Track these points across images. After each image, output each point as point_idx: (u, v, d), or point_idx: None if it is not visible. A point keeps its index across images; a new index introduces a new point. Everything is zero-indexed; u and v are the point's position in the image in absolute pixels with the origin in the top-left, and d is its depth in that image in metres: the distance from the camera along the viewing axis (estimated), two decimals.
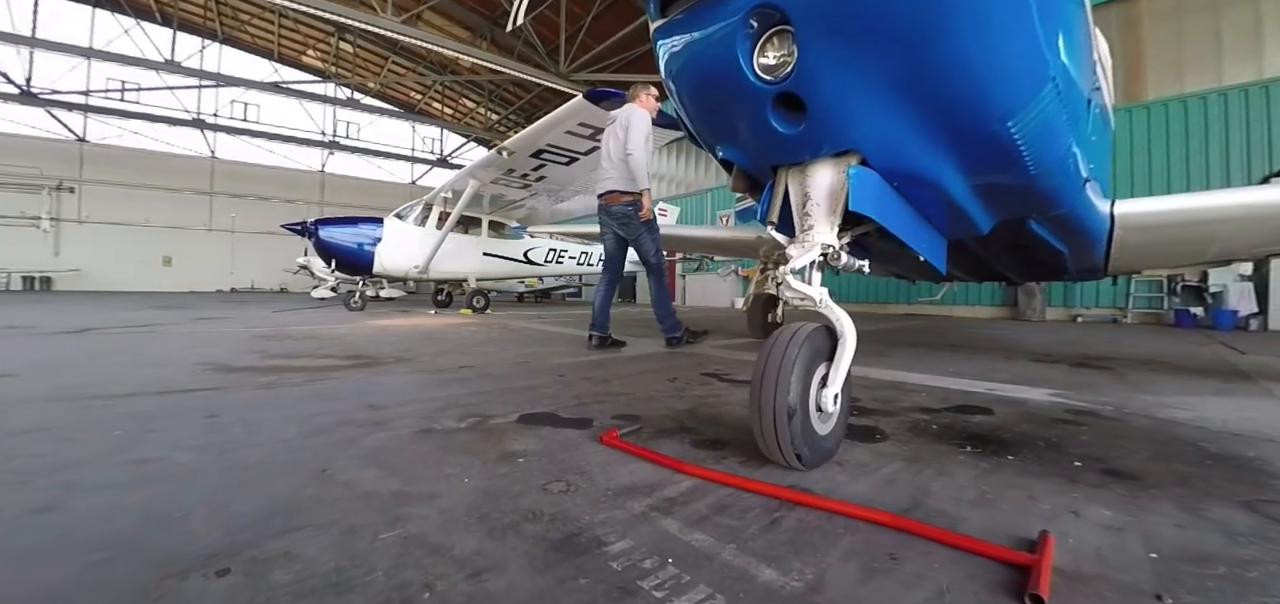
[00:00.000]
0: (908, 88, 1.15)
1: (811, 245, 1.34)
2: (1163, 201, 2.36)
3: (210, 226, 26.00)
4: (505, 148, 6.57)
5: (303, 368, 2.70)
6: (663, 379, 2.55)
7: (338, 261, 8.24)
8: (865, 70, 1.12)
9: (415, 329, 5.31)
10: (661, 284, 3.86)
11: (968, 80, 1.14)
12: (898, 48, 1.09)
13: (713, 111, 1.42)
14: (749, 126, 1.34)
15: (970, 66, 1.12)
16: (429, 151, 30.79)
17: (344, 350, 3.42)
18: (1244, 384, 2.77)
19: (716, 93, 1.34)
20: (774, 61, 1.17)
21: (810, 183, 1.35)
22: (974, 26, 1.06)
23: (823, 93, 1.17)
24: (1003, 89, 1.18)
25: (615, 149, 3.75)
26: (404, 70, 25.59)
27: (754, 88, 1.21)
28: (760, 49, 1.18)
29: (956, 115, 1.21)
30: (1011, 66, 1.15)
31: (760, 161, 1.44)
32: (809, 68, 1.13)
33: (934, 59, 1.10)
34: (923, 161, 1.33)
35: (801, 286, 1.33)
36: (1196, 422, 1.95)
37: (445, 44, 16.46)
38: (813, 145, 1.28)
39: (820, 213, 1.35)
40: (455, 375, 2.56)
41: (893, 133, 1.24)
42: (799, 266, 1.33)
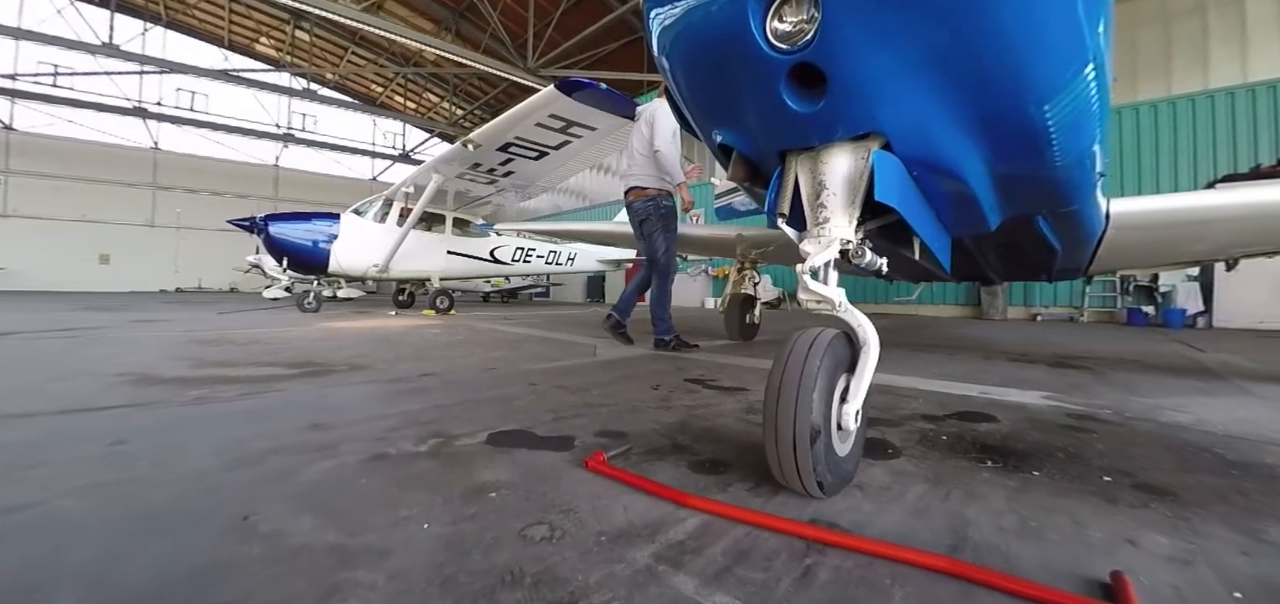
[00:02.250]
0: (945, 60, 0.99)
1: (829, 241, 1.17)
2: (1157, 201, 2.32)
3: (153, 223, 24.50)
4: (471, 140, 6.26)
5: (240, 378, 2.40)
6: (645, 387, 2.37)
7: (290, 260, 7.74)
8: (900, 38, 0.96)
9: (373, 332, 4.97)
10: (664, 286, 3.75)
11: (1012, 54, 0.99)
12: (940, 12, 0.93)
13: (714, 89, 1.24)
14: (757, 105, 1.16)
15: (1017, 38, 0.97)
16: (391, 147, 29.80)
17: (291, 357, 3.11)
18: (1219, 383, 2.78)
19: (719, 66, 1.16)
20: (791, 27, 1.00)
21: (825, 170, 1.19)
22: None
23: (848, 64, 1.00)
24: (1046, 67, 1.04)
25: (640, 145, 3.72)
26: (364, 61, 24.68)
27: (766, 58, 1.04)
28: (774, 12, 1.01)
29: (994, 94, 1.06)
30: (1059, 42, 1.01)
31: (767, 146, 1.26)
32: (834, 34, 0.96)
33: (980, 26, 0.94)
34: (949, 147, 1.18)
35: (819, 288, 1.16)
36: (1198, 425, 1.90)
37: (408, 35, 15.87)
38: (832, 126, 1.11)
39: (837, 204, 1.18)
40: (415, 385, 2.31)
41: (922, 113, 1.09)
42: (816, 265, 1.16)
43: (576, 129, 5.69)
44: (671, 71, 1.32)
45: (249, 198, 26.24)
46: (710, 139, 1.46)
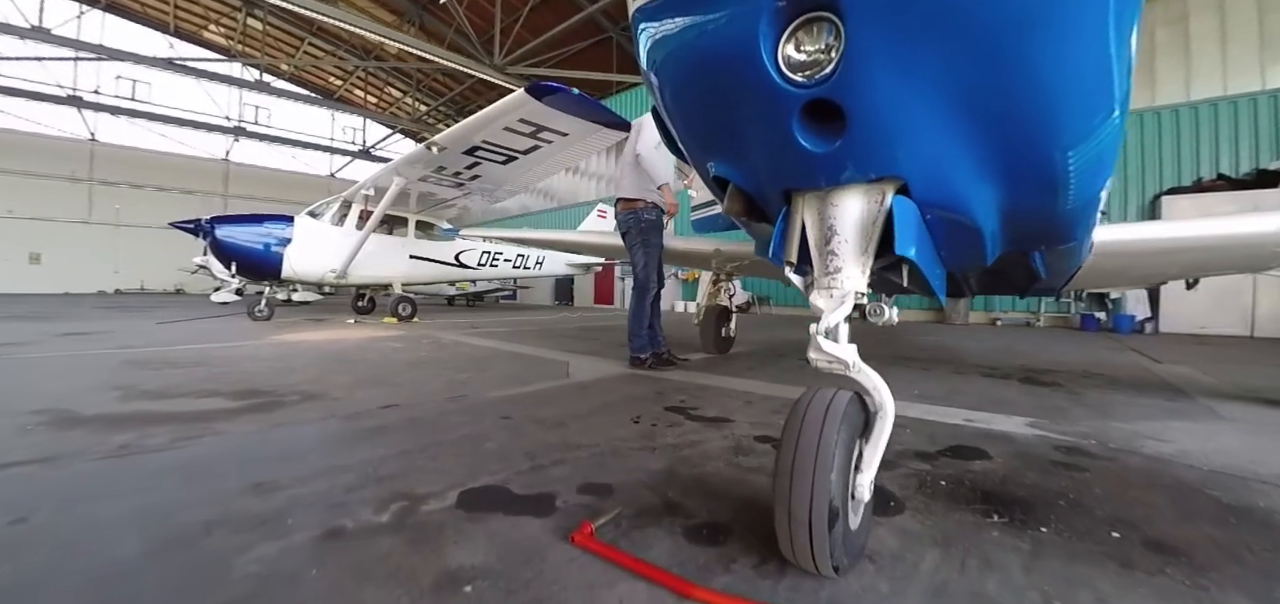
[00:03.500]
0: (977, 102, 0.90)
1: (843, 296, 1.07)
2: (1138, 229, 2.33)
3: (89, 220, 23.00)
4: (435, 143, 6.00)
5: (176, 416, 2.15)
6: (624, 418, 2.24)
7: (239, 265, 7.29)
8: (931, 77, 0.86)
9: (330, 347, 4.68)
10: (642, 302, 3.63)
11: (1048, 97, 0.91)
12: (979, 50, 0.83)
13: (712, 118, 1.12)
14: (762, 140, 1.05)
15: (1055, 81, 0.88)
16: (350, 142, 28.77)
17: (237, 383, 2.85)
18: (1186, 404, 2.84)
19: (720, 94, 1.04)
20: (807, 57, 0.89)
21: (836, 213, 1.09)
22: (1073, 28, 0.83)
23: (871, 103, 0.90)
24: (1079, 111, 0.96)
25: (629, 154, 3.62)
26: (322, 53, 23.70)
27: (776, 91, 0.92)
28: (788, 40, 0.89)
29: (1022, 139, 0.98)
30: (1093, 86, 0.93)
31: (770, 184, 1.15)
32: (857, 69, 0.86)
33: (1019, 67, 0.85)
34: (967, 191, 1.09)
35: (833, 349, 1.05)
36: (1182, 458, 1.90)
37: (369, 27, 15.29)
38: (847, 168, 1.01)
39: (849, 251, 1.08)
40: (376, 421, 2.12)
41: (945, 157, 1.00)
42: (831, 326, 1.05)
43: (547, 134, 5.52)
44: (661, 92, 1.19)
45: (196, 194, 24.93)
46: (703, 170, 1.34)
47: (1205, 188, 8.27)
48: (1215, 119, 8.62)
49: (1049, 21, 0.81)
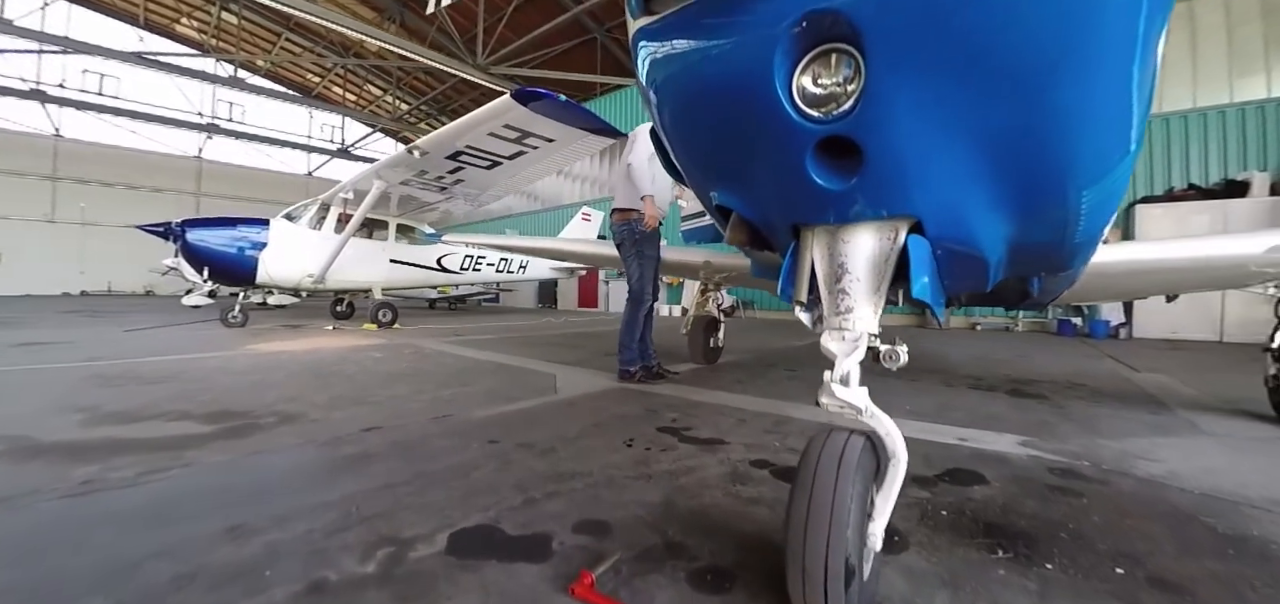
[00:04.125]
0: (998, 141, 0.87)
1: (855, 338, 1.03)
2: (1126, 250, 2.35)
3: (53, 218, 22.21)
4: (418, 147, 5.87)
5: (143, 443, 2.04)
6: (617, 441, 2.18)
7: (212, 270, 7.05)
8: (953, 115, 0.83)
9: (307, 358, 4.54)
10: (636, 314, 3.57)
11: (1071, 137, 0.88)
12: (1004, 88, 0.80)
13: (717, 147, 1.07)
14: (772, 173, 1.00)
15: (1082, 122, 0.85)
16: (329, 141, 28.22)
17: (209, 403, 2.73)
18: (1168, 418, 2.89)
19: (727, 123, 0.99)
20: (824, 91, 0.84)
21: (847, 250, 1.05)
22: (1102, 68, 0.80)
23: (891, 141, 0.86)
24: (1102, 151, 0.93)
25: (621, 165, 3.59)
26: (300, 49, 23.20)
27: (790, 125, 0.88)
28: (804, 71, 0.85)
29: (1043, 179, 0.95)
30: (1117, 124, 0.90)
31: (779, 218, 1.11)
32: (878, 106, 0.81)
33: (1047, 107, 0.82)
34: (980, 229, 1.06)
35: (846, 394, 1.01)
36: (1173, 480, 1.92)
37: (348, 24, 14.98)
38: (862, 206, 0.97)
39: (861, 291, 1.04)
40: (357, 447, 2.03)
41: (961, 195, 0.96)
42: (845, 372, 1.01)
43: (532, 140, 5.43)
44: (661, 114, 1.14)
45: (167, 193, 24.22)
46: (705, 197, 1.29)
47: (1177, 197, 8.50)
48: (1186, 131, 8.87)
49: (1079, 62, 0.78)
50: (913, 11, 0.75)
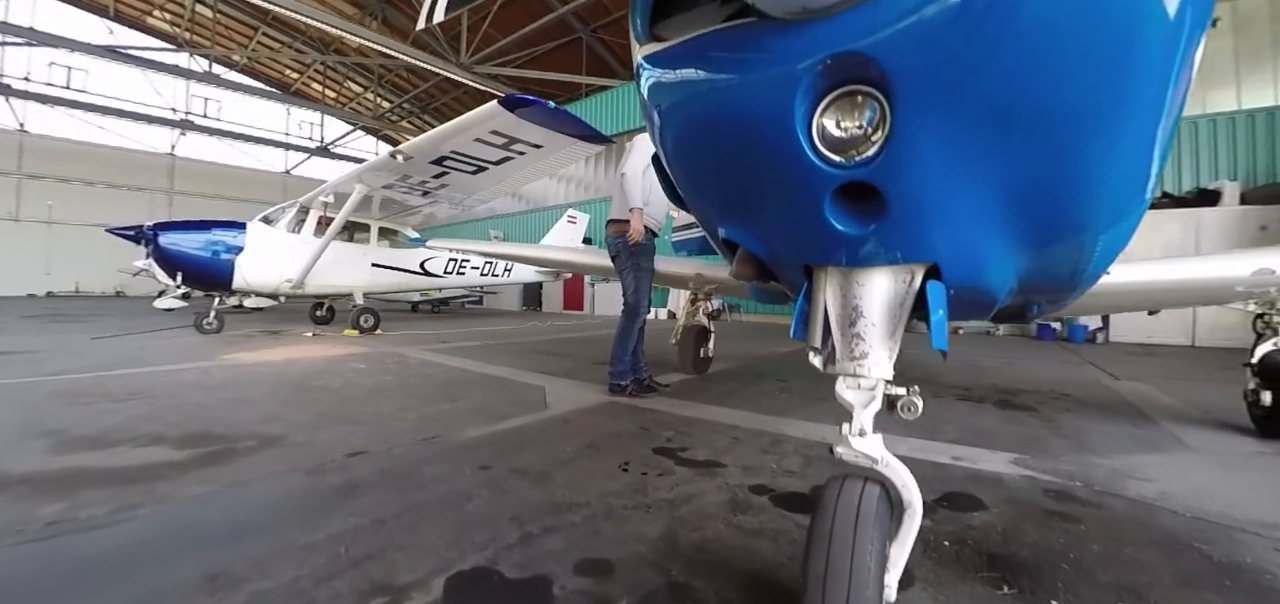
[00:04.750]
0: (1024, 191, 0.84)
1: (871, 387, 1.00)
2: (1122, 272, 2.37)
3: (18, 216, 21.44)
4: (401, 151, 5.75)
5: (115, 474, 1.94)
6: (612, 465, 2.14)
7: (185, 275, 6.83)
8: (981, 164, 0.80)
9: (287, 369, 4.41)
10: (630, 327, 3.51)
11: (1097, 187, 0.86)
12: (1035, 139, 0.77)
13: (729, 185, 1.03)
14: (787, 215, 0.97)
15: (1107, 171, 0.84)
16: (307, 138, 27.66)
17: (184, 424, 2.62)
18: (1153, 431, 2.93)
19: (741, 163, 0.95)
20: (847, 135, 0.81)
21: (862, 292, 1.02)
22: (1134, 119, 0.78)
23: (915, 189, 0.83)
24: (1122, 197, 0.92)
25: (617, 173, 3.52)
26: (278, 45, 22.70)
27: (809, 168, 0.84)
28: (825, 113, 0.81)
29: (1062, 225, 0.93)
30: (1140, 173, 0.89)
31: (790, 258, 1.08)
32: (905, 154, 0.78)
33: (1073, 155, 0.80)
34: (995, 271, 1.04)
35: (863, 446, 0.98)
36: (1164, 501, 1.94)
37: (328, 20, 14.68)
38: (881, 252, 0.94)
39: (877, 336, 1.02)
40: (343, 475, 1.96)
41: (982, 242, 0.94)
42: (864, 425, 0.98)
43: (519, 146, 5.36)
44: (664, 141, 1.10)
45: (138, 191, 23.52)
46: (712, 230, 1.26)
47: (1151, 206, 8.70)
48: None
49: (1111, 117, 0.76)
50: (946, 59, 0.72)
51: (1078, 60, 0.70)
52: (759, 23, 0.80)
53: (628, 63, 15.02)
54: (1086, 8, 0.67)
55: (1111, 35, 0.69)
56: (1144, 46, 0.71)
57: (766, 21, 0.78)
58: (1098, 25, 0.69)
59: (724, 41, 0.88)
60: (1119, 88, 0.73)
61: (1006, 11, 0.68)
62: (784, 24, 0.77)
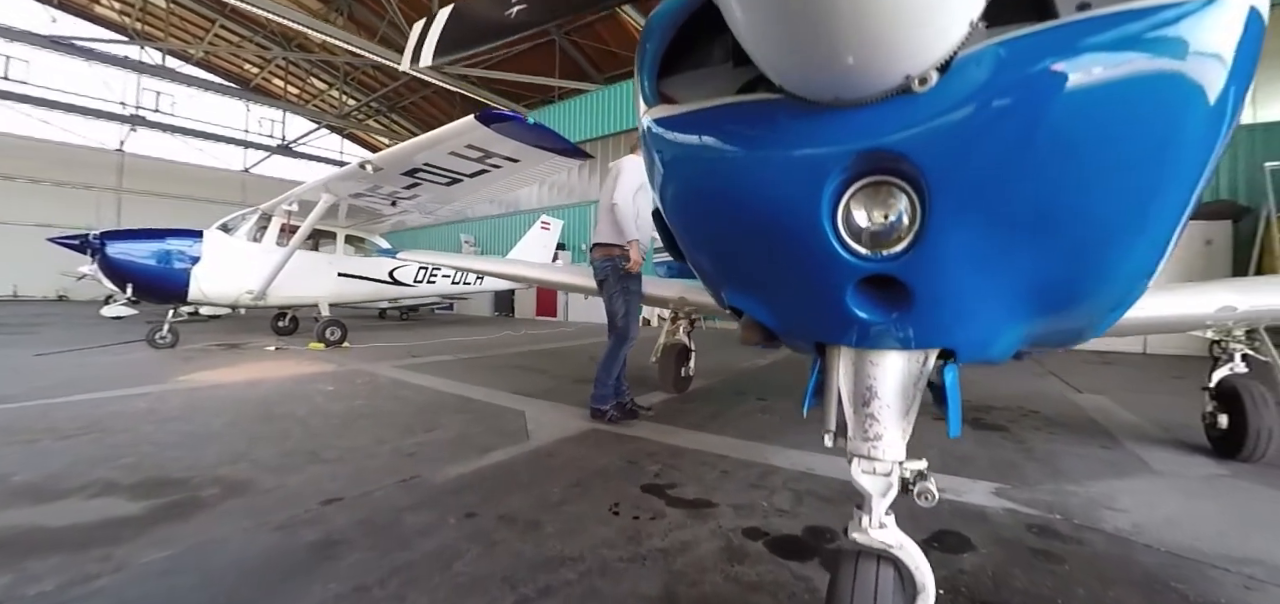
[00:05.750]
0: (1049, 285, 0.84)
1: (888, 473, 0.99)
2: None
3: None
4: (370, 162, 5.56)
5: (64, 537, 1.78)
6: (602, 508, 2.09)
7: (136, 286, 6.46)
8: (1011, 264, 0.79)
9: (249, 392, 4.20)
10: (619, 351, 3.44)
11: (1117, 279, 0.87)
12: (1066, 241, 0.77)
13: (741, 260, 1.00)
14: (804, 297, 0.94)
15: (1128, 267, 0.84)
16: (267, 135, 26.65)
17: (140, 466, 2.44)
18: (1119, 453, 3.04)
19: (756, 242, 0.92)
20: (876, 228, 0.78)
21: (876, 372, 1.00)
22: (1160, 226, 0.79)
23: (942, 285, 0.81)
24: (1140, 277, 0.92)
25: (605, 199, 3.44)
26: (237, 39, 21.81)
27: (833, 257, 0.81)
28: (853, 200, 0.79)
29: (1078, 310, 0.93)
30: (1155, 261, 0.89)
31: (802, 334, 1.05)
32: (935, 251, 0.76)
33: (1099, 256, 0.80)
34: (1004, 347, 1.04)
35: (883, 536, 0.97)
36: (1139, 535, 2.01)
37: (291, 15, 14.15)
38: (897, 338, 0.92)
39: (891, 417, 1.00)
40: (318, 530, 1.85)
41: (998, 327, 0.93)
42: (881, 518, 0.97)
43: (495, 159, 5.24)
44: (668, 204, 1.07)
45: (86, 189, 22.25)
46: (717, 294, 1.22)
47: None
48: None
49: (1140, 221, 0.76)
50: (984, 161, 0.70)
51: (1120, 163, 0.70)
52: (782, 100, 0.77)
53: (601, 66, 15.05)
54: (1131, 109, 0.66)
55: (1155, 134, 0.69)
56: (1186, 142, 0.71)
57: (792, 101, 0.75)
58: (1143, 125, 0.68)
59: (744, 116, 0.84)
60: (1160, 184, 0.73)
61: (1050, 115, 0.66)
62: (812, 107, 0.74)
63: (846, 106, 0.72)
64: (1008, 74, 0.66)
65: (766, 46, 0.68)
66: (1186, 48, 0.63)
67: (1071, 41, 0.64)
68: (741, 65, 0.88)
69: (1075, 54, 0.64)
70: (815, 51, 0.62)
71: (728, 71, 1.02)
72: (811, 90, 0.72)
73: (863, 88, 0.68)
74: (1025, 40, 0.65)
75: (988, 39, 0.67)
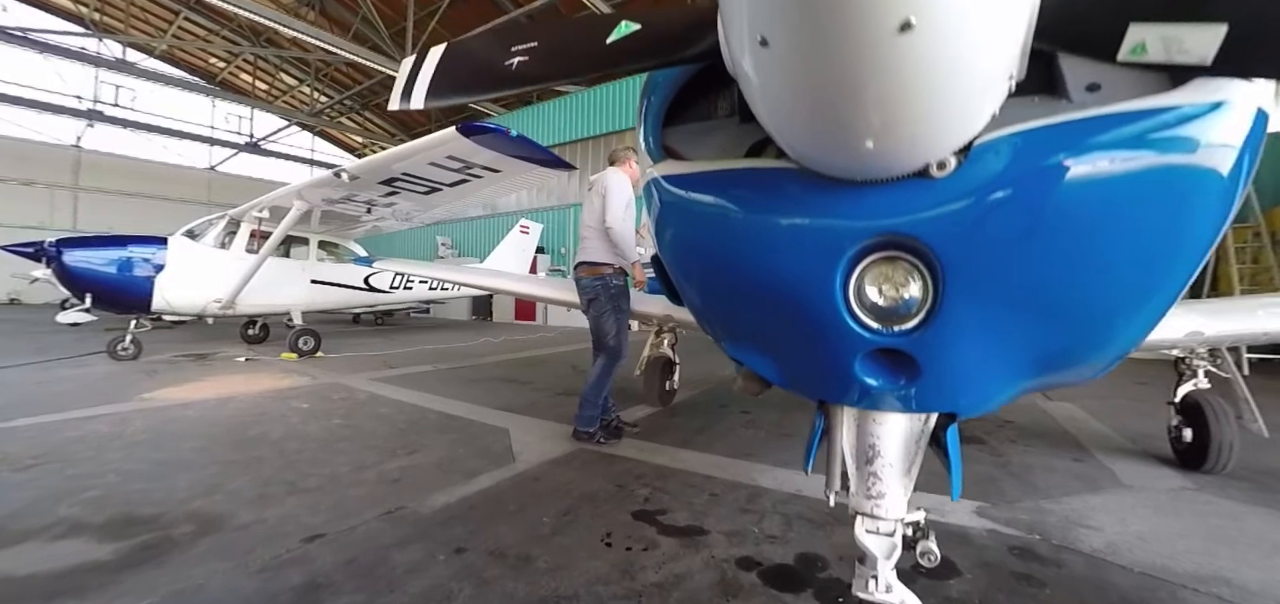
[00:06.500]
0: (1054, 354, 0.86)
1: (892, 532, 1.00)
2: None
3: None
4: (346, 171, 5.42)
5: (27, 589, 1.68)
6: (594, 539, 2.07)
7: (96, 297, 6.18)
8: (1018, 340, 0.81)
9: (220, 411, 4.05)
10: (610, 371, 3.37)
11: (1118, 346, 0.89)
12: (1075, 320, 0.80)
13: (746, 320, 1.00)
14: (810, 361, 0.95)
15: (1130, 336, 0.86)
16: (235, 133, 25.80)
17: (106, 501, 2.33)
18: (1091, 465, 3.14)
19: (764, 307, 0.92)
20: (887, 304, 0.79)
21: (879, 431, 1.01)
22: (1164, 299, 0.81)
23: (950, 360, 0.82)
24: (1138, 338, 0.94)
25: (591, 217, 3.35)
26: (203, 33, 21.07)
27: (844, 330, 0.82)
28: (866, 274, 0.79)
29: (1076, 372, 0.95)
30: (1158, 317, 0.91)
31: (804, 391, 1.06)
32: (946, 330, 0.77)
33: (1106, 330, 0.83)
34: (1003, 400, 1.06)
35: (889, 598, 0.97)
36: (1113, 555, 2.08)
37: (258, 10, 13.71)
38: (903, 403, 0.93)
39: (894, 475, 1.01)
40: (302, 573, 1.79)
41: (1000, 389, 0.95)
42: (887, 582, 0.97)
43: (476, 170, 5.16)
44: (672, 258, 1.07)
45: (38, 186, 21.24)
46: (718, 341, 1.22)
47: None
48: None
49: (1145, 297, 0.79)
50: (998, 246, 0.71)
51: (1130, 250, 0.72)
52: (796, 171, 0.77)
53: None
54: (1144, 200, 0.68)
55: (1165, 223, 0.71)
56: (1192, 229, 0.74)
57: (806, 173, 0.75)
58: (1154, 215, 0.70)
59: (755, 182, 0.84)
60: (1166, 267, 0.77)
61: (1066, 204, 0.68)
62: (827, 181, 0.74)
63: (862, 184, 0.73)
64: (1025, 163, 0.67)
65: (784, 124, 0.68)
66: (1197, 145, 0.65)
67: (1090, 135, 0.66)
68: (748, 121, 0.88)
69: (1093, 149, 0.65)
70: (835, 136, 0.62)
71: (734, 128, 1.02)
72: (828, 168, 0.72)
73: (882, 171, 0.69)
74: (1043, 132, 0.67)
75: (1005, 127, 0.68)
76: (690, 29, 0.77)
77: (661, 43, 0.81)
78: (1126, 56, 0.51)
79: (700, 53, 0.76)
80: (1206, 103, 0.64)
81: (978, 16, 0.47)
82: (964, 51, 0.49)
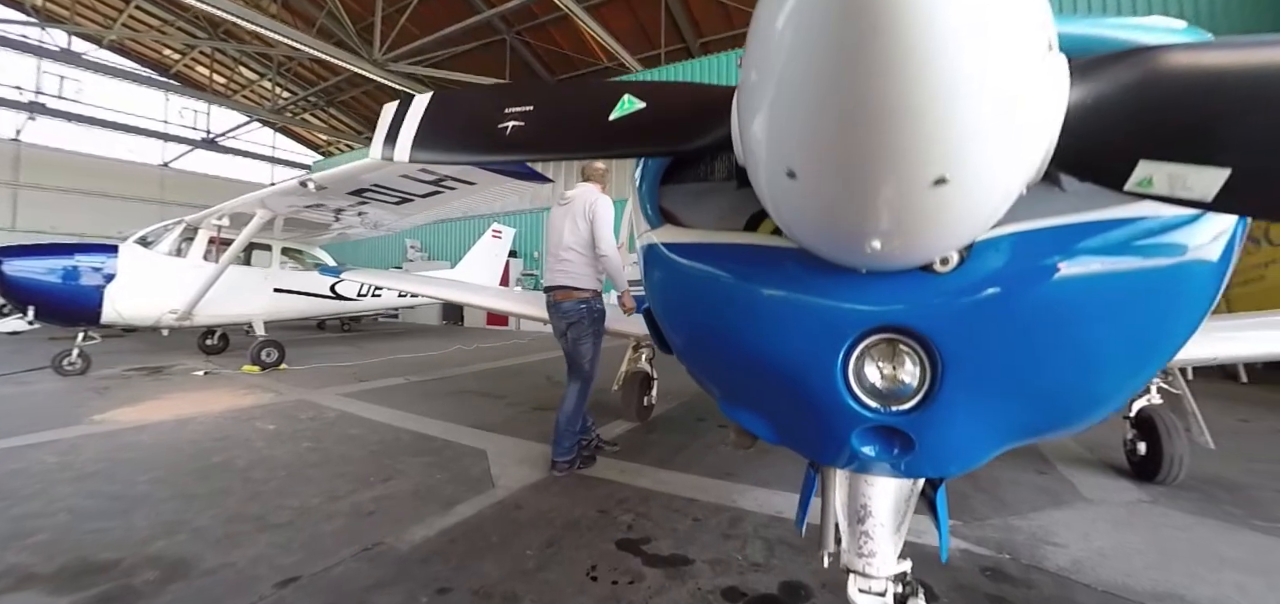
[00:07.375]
0: (1042, 428, 0.89)
1: (883, 594, 1.02)
2: None
3: None
4: (314, 181, 5.24)
5: None
6: (580, 572, 2.06)
7: (40, 309, 5.83)
8: (1014, 420, 0.83)
9: (179, 435, 3.86)
10: (586, 395, 3.28)
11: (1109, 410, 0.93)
12: (1066, 402, 0.83)
13: (744, 385, 1.01)
14: (806, 429, 0.96)
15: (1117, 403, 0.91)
16: (190, 128, 24.68)
17: (58, 544, 2.19)
18: (1054, 480, 3.26)
19: (762, 378, 0.93)
20: (885, 387, 0.81)
21: (871, 492, 1.03)
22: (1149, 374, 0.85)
23: (945, 438, 0.84)
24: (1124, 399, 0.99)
25: (573, 239, 3.14)
26: (157, 23, 20.10)
27: (842, 408, 0.83)
28: (865, 356, 0.81)
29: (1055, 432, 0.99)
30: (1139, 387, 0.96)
31: (800, 454, 1.07)
32: (945, 413, 0.80)
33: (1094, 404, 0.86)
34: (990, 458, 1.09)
35: None
36: (1077, 573, 2.17)
37: (217, 3, 13.14)
38: (895, 471, 0.95)
39: (884, 533, 1.03)
40: None
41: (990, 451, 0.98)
42: None
43: (449, 183, 5.07)
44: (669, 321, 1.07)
45: None
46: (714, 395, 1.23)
47: None
48: None
49: (1137, 375, 0.83)
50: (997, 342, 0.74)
51: (1122, 342, 0.75)
52: (798, 251, 0.78)
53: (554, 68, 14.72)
54: (1136, 298, 0.72)
55: (1154, 318, 0.75)
56: (1178, 321, 0.78)
57: (808, 256, 0.76)
58: (1144, 311, 0.73)
59: (755, 258, 0.85)
60: (1153, 353, 0.81)
61: (1062, 301, 0.71)
62: (830, 266, 0.75)
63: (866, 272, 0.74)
64: (1025, 261, 0.70)
65: (794, 229, 0.69)
66: (1185, 248, 0.70)
67: (1087, 237, 0.69)
68: (745, 186, 0.89)
69: (1090, 251, 0.69)
70: (848, 241, 0.63)
71: (732, 194, 1.02)
72: (833, 258, 0.73)
73: (885, 266, 0.70)
74: (1043, 233, 0.70)
75: (1005, 226, 0.70)
76: (700, 116, 0.77)
77: (669, 128, 0.80)
78: (1133, 187, 0.53)
79: (708, 146, 0.76)
80: (1195, 211, 0.67)
81: (1006, 168, 0.48)
82: (990, 196, 0.50)
